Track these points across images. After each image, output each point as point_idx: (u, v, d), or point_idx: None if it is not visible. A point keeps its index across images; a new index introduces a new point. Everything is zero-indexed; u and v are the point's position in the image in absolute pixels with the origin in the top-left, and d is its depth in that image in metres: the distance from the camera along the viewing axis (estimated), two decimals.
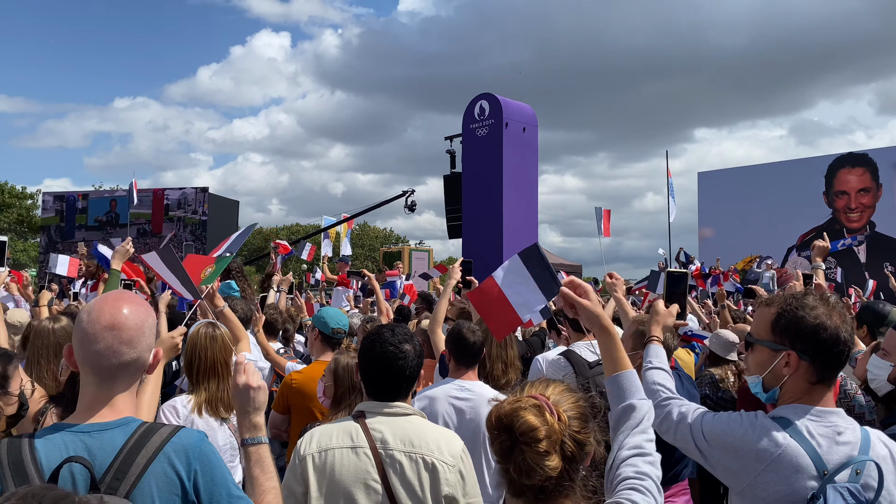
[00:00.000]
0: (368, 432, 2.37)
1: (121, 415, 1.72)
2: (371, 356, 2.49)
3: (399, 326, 2.68)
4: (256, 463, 1.89)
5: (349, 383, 3.19)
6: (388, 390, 2.48)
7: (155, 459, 1.64)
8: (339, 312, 4.38)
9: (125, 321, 1.71)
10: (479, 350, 3.68)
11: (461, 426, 3.38)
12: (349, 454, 2.34)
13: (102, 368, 1.71)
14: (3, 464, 1.61)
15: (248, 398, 1.95)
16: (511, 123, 17.63)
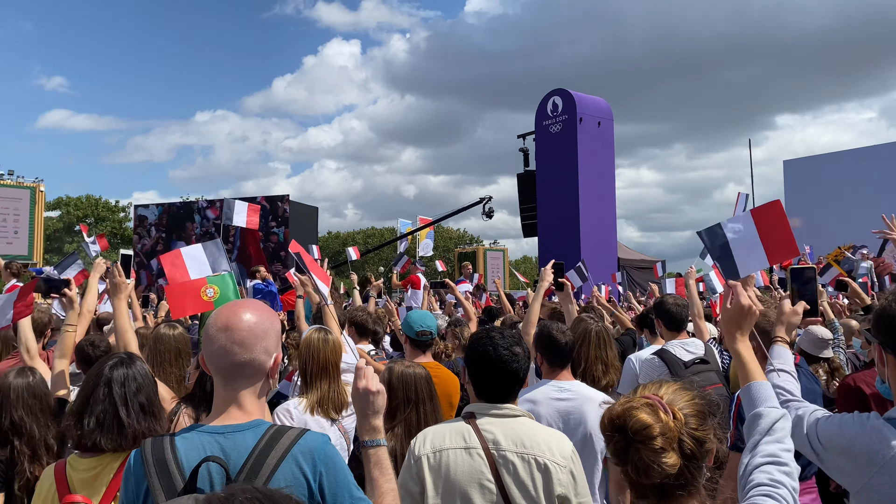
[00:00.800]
0: (480, 433, 2.39)
1: (251, 417, 1.79)
2: (483, 359, 2.50)
3: (506, 329, 2.68)
4: (376, 465, 1.94)
5: (403, 395, 3.08)
6: (500, 392, 2.50)
7: (284, 460, 1.71)
8: (425, 315, 4.42)
9: (238, 323, 1.78)
10: (570, 350, 3.63)
11: (566, 426, 3.35)
12: (463, 455, 2.37)
13: (221, 369, 1.79)
14: (149, 461, 1.71)
15: (367, 402, 2.00)
16: (585, 118, 17.38)
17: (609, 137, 18.13)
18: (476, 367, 2.53)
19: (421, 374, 3.16)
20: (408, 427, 3.00)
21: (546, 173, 17.95)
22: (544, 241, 17.97)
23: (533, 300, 4.59)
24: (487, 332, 2.60)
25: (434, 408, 3.11)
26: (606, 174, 17.94)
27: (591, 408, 3.39)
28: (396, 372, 3.14)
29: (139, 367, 2.54)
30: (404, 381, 3.11)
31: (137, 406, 2.43)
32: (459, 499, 2.34)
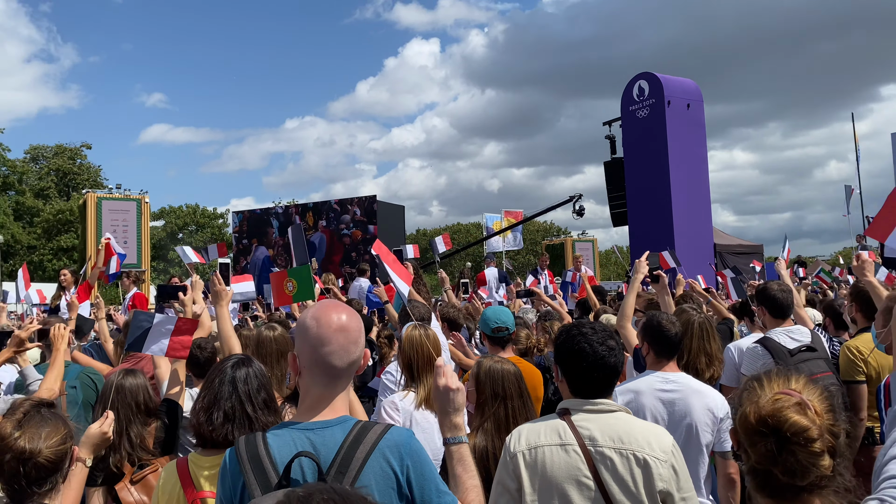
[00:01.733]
0: (576, 429, 2.35)
1: (338, 413, 1.84)
2: (579, 356, 2.44)
3: (598, 323, 2.63)
4: (459, 461, 1.98)
5: (490, 391, 3.07)
6: (596, 388, 2.45)
7: (371, 455, 1.74)
8: (500, 310, 4.38)
9: (349, 324, 1.85)
10: (679, 340, 3.54)
11: (671, 419, 3.27)
12: (559, 451, 2.33)
13: (334, 368, 1.83)
14: (243, 458, 1.77)
15: (448, 399, 2.03)
16: (674, 101, 16.82)
17: (699, 119, 17.47)
18: (571, 364, 2.47)
19: (509, 369, 3.11)
20: (496, 422, 2.96)
21: (634, 160, 17.49)
22: (635, 229, 17.52)
23: (628, 292, 4.48)
24: (578, 327, 2.54)
25: (524, 403, 3.06)
26: (698, 157, 17.29)
27: (697, 400, 3.29)
28: (484, 367, 3.11)
29: (257, 367, 2.68)
30: (491, 376, 3.07)
31: (261, 401, 2.55)
32: (557, 496, 2.30)
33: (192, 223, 55.26)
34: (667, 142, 16.52)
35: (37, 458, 2.14)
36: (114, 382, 3.34)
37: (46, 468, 2.16)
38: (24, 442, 2.15)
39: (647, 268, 4.63)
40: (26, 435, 2.16)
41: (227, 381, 2.55)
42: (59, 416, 2.29)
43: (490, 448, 2.85)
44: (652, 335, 3.52)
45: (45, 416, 2.25)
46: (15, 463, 2.13)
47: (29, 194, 50.50)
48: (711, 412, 3.28)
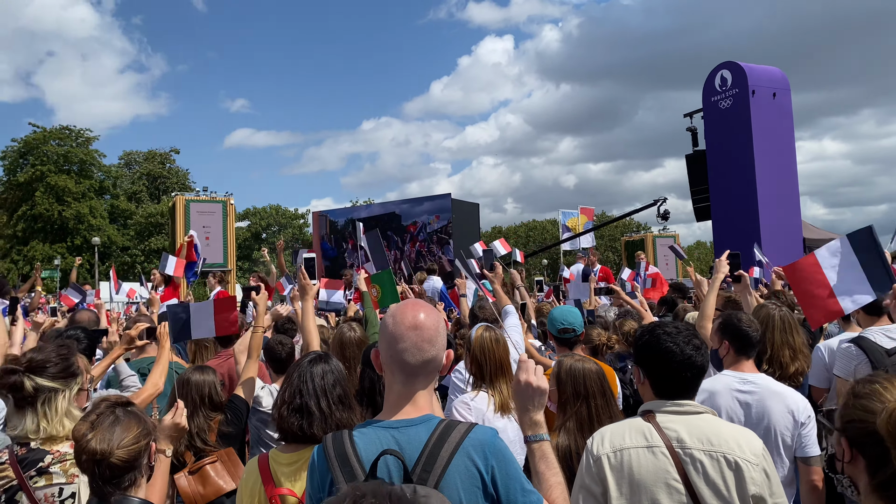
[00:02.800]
0: (662, 431, 2.29)
1: (422, 412, 1.85)
2: (665, 354, 2.38)
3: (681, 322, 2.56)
4: (541, 459, 1.96)
5: (572, 389, 3.03)
6: (682, 388, 2.38)
7: (456, 454, 1.74)
8: (567, 311, 4.30)
9: (425, 322, 1.86)
10: (758, 340, 3.43)
11: (748, 420, 3.16)
12: (646, 453, 2.27)
13: (408, 365, 1.85)
14: (331, 455, 1.81)
15: (528, 396, 2.01)
16: (758, 90, 16.18)
17: (786, 109, 16.74)
18: (656, 364, 2.40)
19: (591, 368, 3.08)
20: (579, 422, 2.93)
21: (718, 152, 16.92)
22: (719, 224, 16.96)
23: (708, 292, 4.34)
24: (662, 326, 2.47)
25: (607, 403, 3.01)
26: (785, 148, 16.57)
27: (777, 402, 3.16)
28: (565, 366, 3.09)
29: (335, 363, 2.74)
30: (573, 375, 3.04)
31: (336, 397, 2.61)
32: (646, 500, 2.24)
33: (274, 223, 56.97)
34: (752, 133, 15.91)
35: (109, 458, 2.19)
36: (182, 377, 3.57)
37: (120, 468, 2.21)
38: (95, 443, 2.20)
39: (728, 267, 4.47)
40: (98, 436, 2.22)
41: (305, 376, 2.62)
42: (133, 415, 2.34)
43: (573, 447, 2.82)
44: (731, 334, 3.42)
45: (119, 415, 2.30)
46: (90, 463, 2.20)
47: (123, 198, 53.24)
48: (792, 415, 3.14)
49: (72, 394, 2.83)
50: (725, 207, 16.65)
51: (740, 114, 16.20)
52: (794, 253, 15.59)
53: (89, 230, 46.63)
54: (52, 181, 45.99)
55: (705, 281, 6.01)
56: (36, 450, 2.63)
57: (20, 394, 2.68)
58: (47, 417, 2.69)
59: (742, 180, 16.04)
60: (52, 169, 46.52)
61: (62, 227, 47.13)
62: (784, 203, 16.11)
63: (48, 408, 2.71)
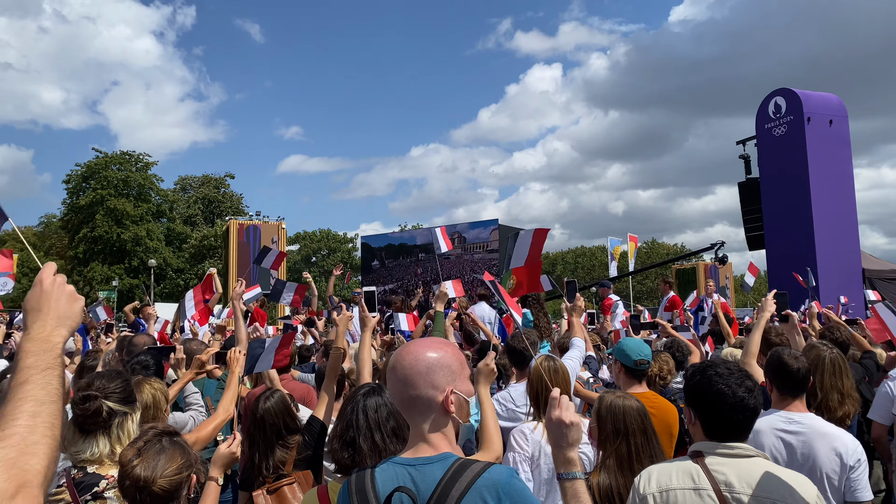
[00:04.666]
0: (710, 474, 2.23)
1: (439, 450, 1.85)
2: (717, 396, 2.33)
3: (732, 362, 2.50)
4: (573, 497, 1.93)
5: (611, 426, 2.96)
6: (734, 431, 2.32)
7: (468, 493, 1.73)
8: (642, 343, 4.21)
9: (401, 362, 1.89)
10: (805, 378, 3.31)
11: (791, 462, 3.04)
12: (692, 496, 2.22)
13: (398, 404, 1.93)
14: (352, 491, 1.84)
15: (561, 433, 1.98)
16: (814, 117, 15.82)
17: (844, 136, 16.30)
18: (708, 406, 2.35)
19: (632, 405, 3.01)
20: (619, 460, 2.86)
21: (772, 179, 16.55)
22: (773, 253, 16.53)
23: (754, 330, 4.23)
24: (713, 367, 2.41)
25: (648, 441, 2.93)
26: (843, 176, 16.11)
27: (824, 443, 3.04)
28: (606, 402, 3.03)
29: (388, 396, 2.72)
30: (613, 411, 2.98)
31: (389, 430, 2.62)
32: None
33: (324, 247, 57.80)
34: (807, 160, 15.53)
35: (151, 486, 2.22)
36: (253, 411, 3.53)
37: (160, 497, 2.23)
38: (140, 470, 2.23)
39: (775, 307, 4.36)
40: (143, 463, 2.25)
41: (360, 409, 2.64)
42: (178, 445, 2.36)
43: (614, 486, 2.76)
44: (775, 371, 3.32)
45: (165, 445, 2.33)
46: (133, 490, 2.23)
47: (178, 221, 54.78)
48: (840, 457, 3.02)
49: (137, 418, 2.89)
50: (779, 236, 16.25)
51: (795, 141, 15.85)
52: (853, 283, 15.07)
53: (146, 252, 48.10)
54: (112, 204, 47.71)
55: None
56: (92, 474, 2.68)
57: (97, 418, 2.74)
58: (121, 441, 2.75)
59: (797, 208, 15.64)
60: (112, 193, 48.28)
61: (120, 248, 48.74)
62: (842, 232, 15.63)
63: (121, 431, 2.78)
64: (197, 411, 4.25)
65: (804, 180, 15.54)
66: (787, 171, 15.97)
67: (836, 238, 15.43)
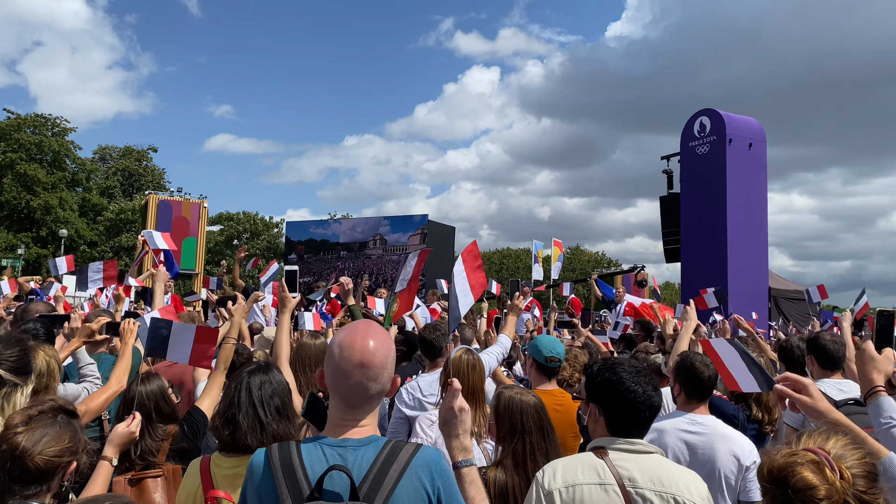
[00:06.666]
0: (615, 469, 2.27)
1: (367, 433, 1.84)
2: (625, 393, 2.36)
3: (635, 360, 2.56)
4: (471, 483, 1.98)
5: (509, 424, 2.92)
6: (636, 427, 2.37)
7: (405, 474, 1.74)
8: (555, 340, 4.28)
9: (373, 359, 1.82)
10: (712, 384, 3.45)
11: (693, 462, 3.17)
12: (598, 491, 2.24)
13: (352, 399, 1.84)
14: (276, 465, 1.78)
15: (459, 421, 2.03)
16: (735, 139, 16.52)
17: (761, 160, 17.10)
18: (614, 402, 2.38)
19: (529, 401, 2.95)
20: (514, 458, 2.83)
21: (692, 196, 17.20)
22: (688, 266, 17.19)
23: (679, 339, 4.37)
24: (621, 365, 2.45)
25: (544, 438, 2.90)
26: (758, 198, 16.90)
27: (723, 445, 3.19)
28: (504, 398, 2.97)
29: (275, 375, 2.70)
30: (510, 409, 2.92)
31: (273, 408, 2.58)
32: None
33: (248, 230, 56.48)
34: (726, 180, 16.21)
35: (26, 459, 2.06)
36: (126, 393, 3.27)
37: (33, 473, 2.07)
38: (21, 439, 2.08)
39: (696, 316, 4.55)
40: (28, 433, 2.10)
41: (243, 387, 2.59)
42: (72, 428, 2.21)
43: (509, 483, 2.75)
44: (685, 376, 3.45)
45: (59, 422, 2.17)
46: (6, 456, 2.07)
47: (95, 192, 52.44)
48: (737, 459, 3.16)
49: (28, 391, 2.70)
50: (695, 250, 16.89)
51: (716, 160, 16.50)
52: (759, 299, 15.82)
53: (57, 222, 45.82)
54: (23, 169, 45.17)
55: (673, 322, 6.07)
56: None
57: None
58: (3, 413, 2.54)
59: (713, 225, 16.30)
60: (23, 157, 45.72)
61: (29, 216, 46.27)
62: (752, 251, 16.39)
63: (6, 402, 2.58)
64: (92, 383, 4.05)
65: (721, 199, 16.21)
66: (706, 188, 16.62)
67: (747, 256, 16.17)
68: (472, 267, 4.79)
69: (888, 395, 2.21)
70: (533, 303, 11.35)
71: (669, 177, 19.35)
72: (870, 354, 2.35)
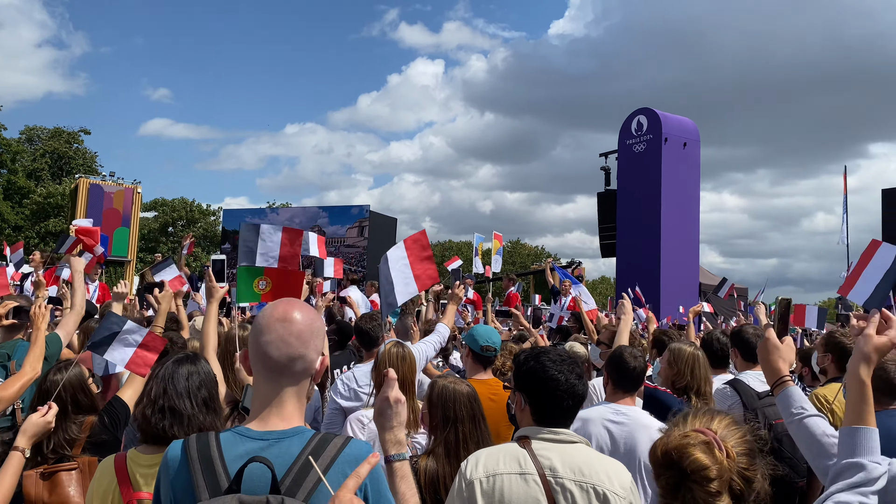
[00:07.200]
0: (537, 459, 2.28)
1: (291, 423, 1.76)
2: (550, 382, 2.38)
3: (563, 350, 2.61)
4: (402, 479, 1.90)
5: (442, 413, 2.92)
6: (561, 416, 2.40)
7: (331, 469, 1.67)
8: (491, 330, 4.32)
9: (295, 316, 1.77)
10: (640, 376, 3.56)
11: (615, 451, 3.27)
12: (518, 480, 2.25)
13: (271, 360, 1.75)
14: (193, 457, 1.70)
15: (394, 413, 1.96)
16: (671, 138, 16.96)
17: (695, 159, 17.61)
18: (540, 391, 2.40)
19: (462, 391, 2.98)
20: (447, 447, 2.85)
21: (628, 193, 17.59)
22: (623, 262, 17.58)
23: (620, 332, 4.44)
24: (546, 353, 2.47)
25: (476, 427, 2.93)
26: (691, 196, 17.42)
27: (644, 435, 3.30)
28: (438, 387, 2.99)
29: (203, 365, 2.61)
30: (443, 398, 2.93)
31: (200, 400, 2.50)
32: None
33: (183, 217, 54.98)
34: (661, 178, 16.62)
35: None
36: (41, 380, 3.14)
37: None
38: None
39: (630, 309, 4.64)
40: None
41: (168, 377, 2.51)
42: None
43: (440, 473, 2.76)
44: (614, 367, 3.55)
45: None
46: None
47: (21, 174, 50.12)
48: None
49: None
50: (630, 246, 17.29)
51: (652, 159, 16.91)
52: (689, 295, 16.32)
53: None
54: None
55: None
56: None
57: None
58: None
59: (648, 222, 16.71)
60: None
61: None
62: (685, 248, 16.88)
63: None
64: None
65: (656, 196, 16.62)
66: (642, 186, 17.02)
67: (679, 252, 16.65)
68: (420, 257, 4.72)
69: (796, 385, 2.24)
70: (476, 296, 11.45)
71: (607, 174, 19.73)
72: (773, 343, 2.30)
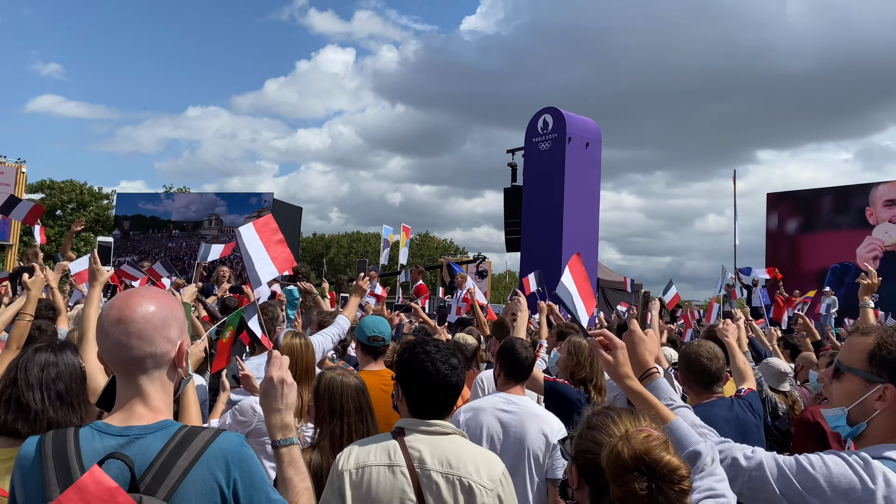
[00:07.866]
0: (406, 451, 2.28)
1: (157, 416, 1.69)
2: (422, 375, 2.38)
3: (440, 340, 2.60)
4: (290, 464, 1.85)
5: (328, 406, 2.88)
6: (436, 408, 2.39)
7: (195, 465, 1.59)
8: (378, 320, 4.25)
9: (133, 314, 1.66)
10: (529, 367, 3.63)
11: (506, 439, 3.33)
12: (386, 472, 2.26)
13: (119, 364, 1.68)
14: (47, 453, 1.60)
15: (280, 395, 1.90)
16: (574, 138, 17.44)
17: (596, 159, 18.18)
18: (413, 383, 2.40)
19: (350, 383, 2.94)
20: (332, 440, 2.82)
21: (533, 190, 17.97)
22: (526, 256, 17.96)
23: (517, 328, 4.49)
24: (422, 345, 2.47)
25: (362, 420, 2.90)
26: (591, 195, 17.98)
27: (533, 423, 3.38)
28: (325, 379, 2.94)
29: (67, 356, 2.43)
30: (330, 390, 2.89)
31: (54, 393, 2.33)
32: None
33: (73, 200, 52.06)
34: (564, 176, 17.08)
35: None
36: None
37: None
38: None
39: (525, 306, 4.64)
40: None
41: (24, 366, 2.35)
42: None
43: (325, 466, 2.71)
44: (504, 357, 3.61)
45: None
46: None
47: None
48: (546, 437, 3.34)
49: None
50: (533, 241, 17.69)
51: (556, 157, 17.34)
52: None
53: None
54: None
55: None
56: None
57: None
58: None
59: (551, 218, 17.14)
60: None
61: None
62: (585, 243, 17.40)
63: None
64: None
65: (559, 193, 17.07)
66: (546, 183, 17.43)
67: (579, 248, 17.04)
68: (272, 240, 4.64)
69: (662, 377, 2.29)
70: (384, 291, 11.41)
71: (514, 170, 20.08)
72: (639, 336, 2.33)
